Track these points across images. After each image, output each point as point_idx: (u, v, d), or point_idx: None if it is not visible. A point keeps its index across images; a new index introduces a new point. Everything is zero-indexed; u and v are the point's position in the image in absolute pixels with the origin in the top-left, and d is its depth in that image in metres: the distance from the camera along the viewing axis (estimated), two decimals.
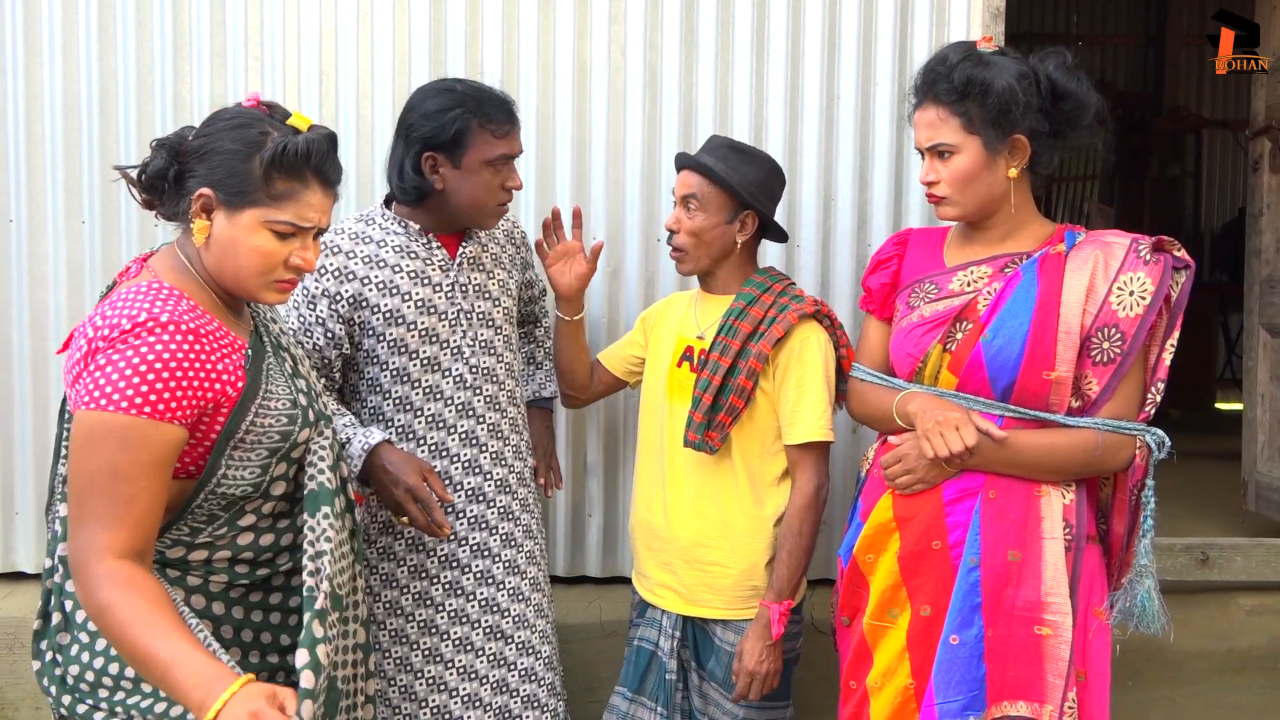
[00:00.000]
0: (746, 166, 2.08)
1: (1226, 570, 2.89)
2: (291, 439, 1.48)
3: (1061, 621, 1.73)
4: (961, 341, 1.79)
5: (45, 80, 2.60)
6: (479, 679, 2.06)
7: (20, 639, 2.54)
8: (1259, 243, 3.31)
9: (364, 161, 2.63)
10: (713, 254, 2.11)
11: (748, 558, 2.08)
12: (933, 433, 1.73)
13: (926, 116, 1.80)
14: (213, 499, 1.43)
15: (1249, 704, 2.78)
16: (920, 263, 1.93)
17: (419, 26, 2.63)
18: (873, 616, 1.85)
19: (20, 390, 2.66)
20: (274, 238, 1.45)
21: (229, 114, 1.46)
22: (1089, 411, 1.77)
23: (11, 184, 2.62)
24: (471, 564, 2.06)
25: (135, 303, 1.37)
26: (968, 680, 1.74)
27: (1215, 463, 4.28)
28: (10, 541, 2.70)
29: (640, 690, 2.18)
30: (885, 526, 1.85)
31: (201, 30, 2.60)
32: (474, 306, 2.05)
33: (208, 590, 1.46)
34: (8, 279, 2.63)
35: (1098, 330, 1.73)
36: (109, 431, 1.32)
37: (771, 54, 2.65)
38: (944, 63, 1.78)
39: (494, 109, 1.95)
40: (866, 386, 1.97)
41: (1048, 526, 1.76)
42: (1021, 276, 1.78)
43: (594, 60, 2.65)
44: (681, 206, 2.10)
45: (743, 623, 2.09)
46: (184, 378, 1.35)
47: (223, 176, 1.42)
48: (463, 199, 1.98)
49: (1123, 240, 1.77)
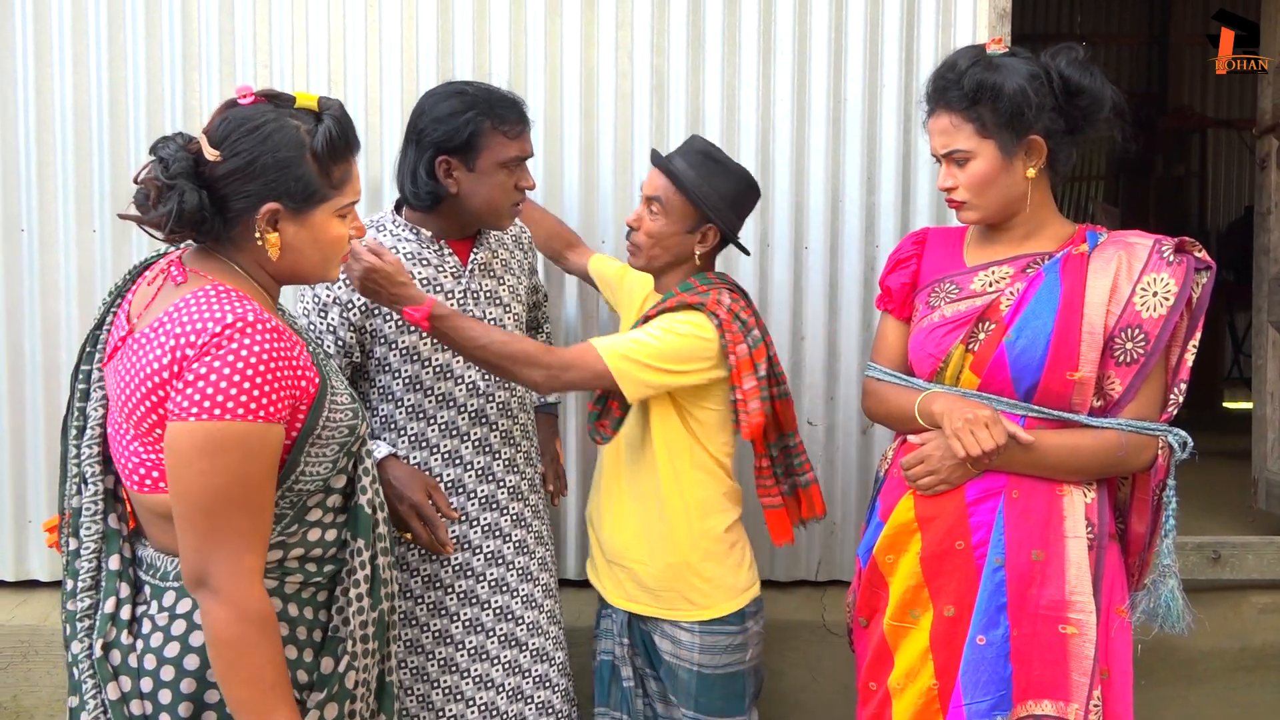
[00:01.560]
0: (718, 179, 2.03)
1: (1238, 569, 2.89)
2: (356, 433, 1.47)
3: (1086, 620, 1.73)
4: (984, 342, 1.78)
5: (55, 89, 2.62)
6: (495, 687, 2.06)
7: (35, 647, 2.55)
8: (1267, 240, 3.30)
9: (372, 167, 2.64)
10: (666, 259, 2.07)
11: (664, 557, 2.05)
12: (963, 431, 1.72)
13: (940, 124, 1.80)
14: (286, 498, 1.40)
15: (1263, 702, 2.77)
16: (940, 262, 1.92)
17: (426, 33, 2.64)
18: (893, 617, 1.84)
19: (32, 399, 2.67)
20: (341, 221, 1.46)
21: (250, 123, 1.38)
22: (1111, 412, 1.77)
23: (23, 193, 2.63)
24: (486, 572, 2.06)
25: (213, 306, 1.33)
26: (995, 680, 1.74)
27: (1224, 461, 4.27)
28: (24, 550, 2.71)
29: (609, 703, 2.19)
30: (906, 527, 1.85)
31: (211, 39, 2.61)
32: (486, 313, 2.05)
33: (283, 592, 1.42)
34: (19, 288, 2.65)
35: (1121, 330, 1.73)
36: (231, 441, 1.28)
37: (778, 58, 2.66)
38: (953, 69, 1.78)
39: (506, 110, 1.95)
40: (885, 386, 1.95)
41: (1070, 525, 1.76)
42: (1044, 277, 1.78)
43: (601, 65, 2.66)
44: (645, 205, 2.06)
45: (674, 627, 2.06)
46: (282, 376, 1.33)
47: (286, 187, 1.38)
48: (477, 201, 1.97)
49: (1145, 241, 1.77)
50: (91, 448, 1.45)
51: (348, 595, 1.46)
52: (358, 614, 1.46)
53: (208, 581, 1.30)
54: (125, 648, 1.39)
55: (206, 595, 1.31)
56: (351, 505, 1.49)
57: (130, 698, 1.37)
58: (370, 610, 1.48)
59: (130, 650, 1.39)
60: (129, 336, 1.40)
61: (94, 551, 1.44)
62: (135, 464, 1.38)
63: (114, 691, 1.37)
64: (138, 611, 1.42)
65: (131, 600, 1.42)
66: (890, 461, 1.95)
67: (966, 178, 1.79)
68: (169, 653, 1.37)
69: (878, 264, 2.67)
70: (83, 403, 1.48)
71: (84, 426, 1.47)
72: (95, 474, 1.45)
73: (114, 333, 1.45)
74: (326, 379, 1.42)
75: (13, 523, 2.69)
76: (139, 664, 1.38)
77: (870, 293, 2.67)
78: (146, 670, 1.37)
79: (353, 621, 1.46)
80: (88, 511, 1.45)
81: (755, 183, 2.11)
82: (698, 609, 2.07)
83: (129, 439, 1.38)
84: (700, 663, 2.06)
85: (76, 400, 1.48)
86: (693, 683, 2.05)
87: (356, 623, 1.46)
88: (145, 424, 1.35)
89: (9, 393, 2.67)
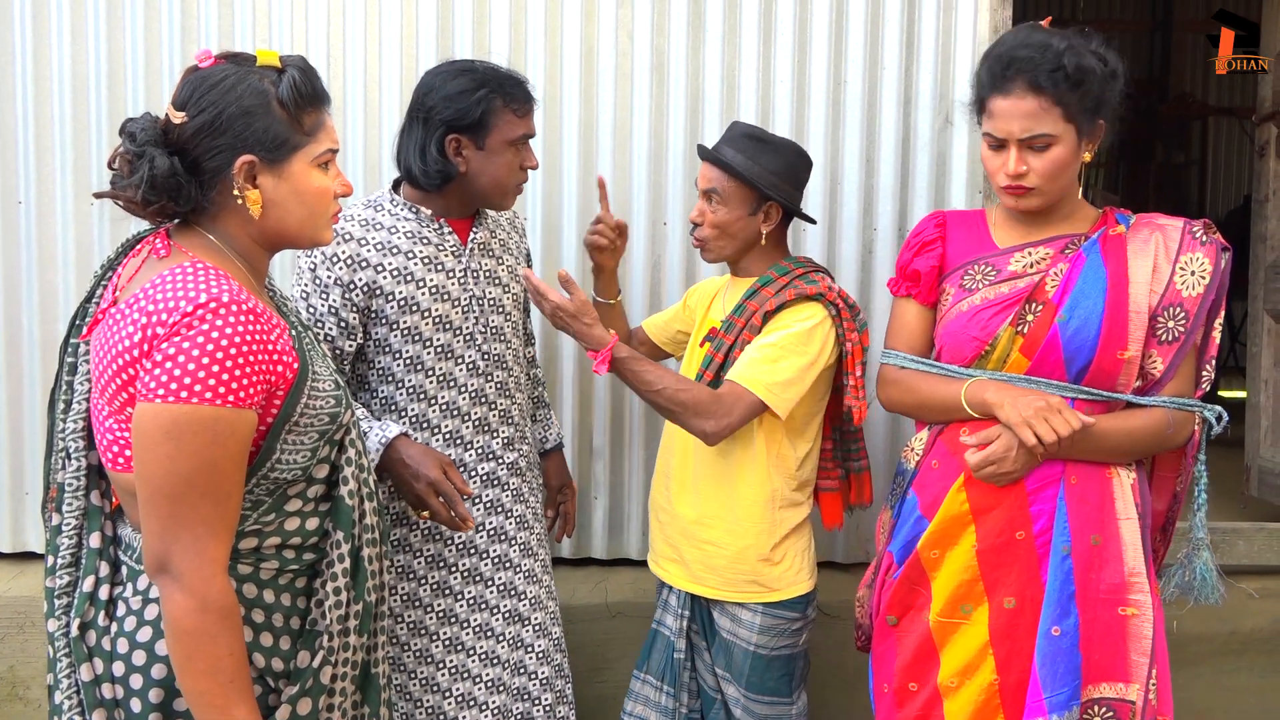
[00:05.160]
0: (767, 156, 2.06)
1: (1229, 555, 2.90)
2: (338, 420, 1.43)
3: (1144, 600, 1.74)
4: (1035, 323, 1.76)
5: (53, 61, 2.61)
6: (500, 663, 2.07)
7: (31, 618, 2.56)
8: (1264, 228, 3.30)
9: (371, 143, 2.64)
10: (737, 245, 2.11)
11: (743, 539, 2.07)
12: (1035, 419, 1.68)
13: (1024, 106, 1.70)
14: (263, 485, 1.36)
15: (1250, 686, 2.79)
16: (966, 245, 1.88)
17: (426, 10, 2.63)
18: (942, 614, 1.79)
19: (30, 371, 2.67)
20: (322, 172, 1.42)
21: (210, 80, 1.36)
22: (1152, 390, 1.78)
23: (20, 165, 2.63)
24: (489, 549, 2.07)
25: (187, 285, 1.29)
26: (1072, 669, 1.72)
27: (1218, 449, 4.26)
28: (20, 522, 2.72)
29: (648, 669, 2.21)
30: (959, 519, 1.79)
31: (210, 12, 2.60)
32: (485, 292, 2.05)
33: (258, 578, 1.39)
34: (17, 260, 2.64)
35: (1164, 309, 1.75)
36: (198, 425, 1.24)
37: (779, 38, 2.65)
38: (1046, 49, 1.71)
39: (515, 88, 1.96)
40: (912, 374, 1.88)
41: (1121, 507, 1.77)
42: (1086, 257, 1.77)
43: (601, 44, 2.65)
44: (704, 199, 2.10)
45: (737, 607, 2.09)
46: (254, 359, 1.28)
47: (256, 137, 1.35)
48: (485, 180, 1.98)
49: (1176, 223, 1.81)
50: (76, 422, 1.41)
51: (325, 588, 1.42)
52: (335, 607, 1.42)
53: (169, 568, 1.27)
54: (100, 629, 1.36)
55: (167, 582, 1.27)
56: (334, 495, 1.45)
57: (102, 680, 1.35)
58: (352, 603, 1.44)
59: (105, 632, 1.36)
60: (109, 309, 1.37)
61: (75, 528, 1.42)
62: (110, 440, 1.35)
63: (87, 673, 1.35)
64: (114, 593, 1.39)
65: (110, 580, 1.40)
66: (922, 453, 1.89)
67: (1045, 164, 1.72)
68: (141, 637, 1.34)
69: (875, 246, 2.67)
70: (70, 376, 1.44)
71: (70, 400, 1.43)
72: (79, 449, 1.42)
73: (101, 306, 1.41)
74: (308, 364, 1.38)
75: (9, 495, 2.70)
76: (112, 647, 1.35)
77: (868, 275, 2.67)
78: (119, 654, 1.35)
79: (330, 615, 1.41)
80: (70, 487, 1.42)
81: (804, 152, 2.15)
82: (768, 592, 2.08)
83: (104, 415, 1.35)
84: (758, 643, 2.08)
85: (64, 374, 1.45)
86: (747, 662, 2.08)
87: (334, 616, 1.42)
88: (117, 401, 1.32)
89: (6, 365, 2.67)
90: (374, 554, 1.51)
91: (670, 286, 2.68)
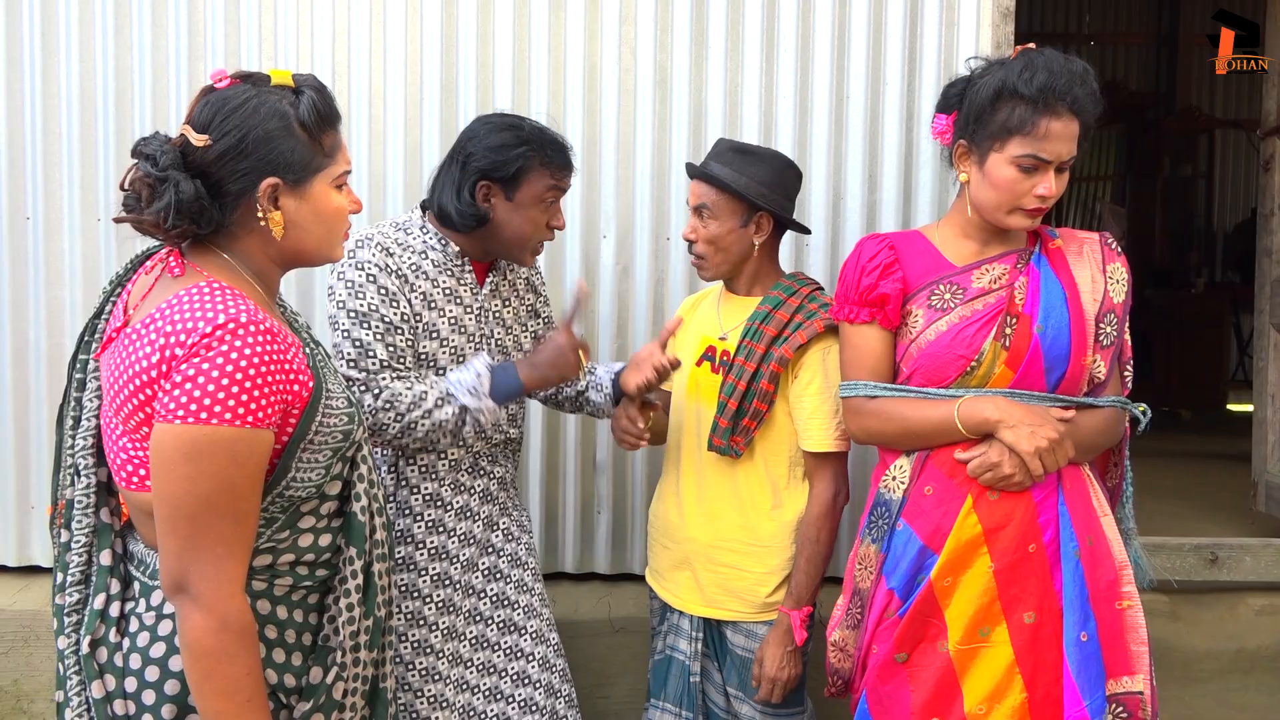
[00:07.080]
0: (753, 167, 2.07)
1: (1236, 570, 2.89)
2: (351, 438, 1.43)
3: (1134, 591, 1.78)
4: (1015, 335, 1.76)
5: (62, 78, 2.64)
6: (498, 673, 2.09)
7: (36, 632, 2.57)
8: (1270, 243, 3.30)
9: (375, 158, 2.65)
10: (731, 259, 2.11)
11: (767, 561, 2.07)
12: (1047, 453, 1.70)
13: (1071, 129, 1.73)
14: (277, 503, 1.36)
15: (1258, 704, 2.77)
16: (921, 266, 1.86)
17: (430, 27, 2.65)
18: (962, 641, 1.74)
19: (36, 386, 2.69)
20: (339, 192, 1.44)
21: (232, 102, 1.35)
22: (1096, 392, 1.84)
23: (28, 181, 2.65)
24: (479, 562, 2.09)
25: (205, 305, 1.29)
26: (1102, 673, 1.73)
27: (1225, 463, 4.28)
28: (26, 536, 2.73)
29: (665, 697, 2.18)
30: (972, 543, 1.75)
31: (216, 30, 2.63)
32: (493, 332, 2.08)
33: (272, 595, 1.39)
34: (25, 276, 2.66)
35: (1103, 316, 1.81)
36: (218, 446, 1.24)
37: (781, 54, 2.67)
38: (1085, 76, 1.73)
39: (555, 152, 1.99)
40: (890, 402, 1.83)
41: (1098, 504, 1.81)
42: (1038, 270, 1.81)
43: (604, 61, 2.67)
44: (695, 216, 2.11)
45: (753, 625, 2.08)
46: (272, 380, 1.28)
47: (281, 159, 1.36)
48: (509, 232, 2.00)
49: (1092, 235, 1.90)
50: (85, 439, 1.41)
51: (338, 604, 1.43)
52: (348, 624, 1.43)
53: (188, 588, 1.27)
54: (112, 645, 1.36)
55: (186, 602, 1.27)
56: (346, 511, 1.45)
57: (114, 697, 1.34)
58: (363, 619, 1.45)
59: (117, 649, 1.36)
60: (124, 328, 1.37)
61: (85, 545, 1.41)
62: (124, 460, 1.35)
63: (98, 690, 1.34)
64: (126, 609, 1.38)
65: (121, 597, 1.39)
66: (909, 481, 1.82)
67: (1061, 184, 1.77)
68: (154, 653, 1.34)
69: None
70: (79, 392, 1.44)
71: (79, 417, 1.44)
72: (88, 466, 1.41)
73: (111, 323, 1.41)
74: (322, 382, 1.38)
75: (16, 509, 2.72)
76: (124, 663, 1.35)
77: None
78: (131, 670, 1.34)
79: (343, 631, 1.42)
80: (79, 504, 1.42)
81: (792, 162, 2.14)
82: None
83: (118, 434, 1.35)
84: None
85: (73, 390, 1.45)
86: None
87: (347, 632, 1.43)
88: (133, 421, 1.32)
89: (13, 380, 2.69)
90: (383, 569, 1.51)
91: (673, 301, 2.69)
